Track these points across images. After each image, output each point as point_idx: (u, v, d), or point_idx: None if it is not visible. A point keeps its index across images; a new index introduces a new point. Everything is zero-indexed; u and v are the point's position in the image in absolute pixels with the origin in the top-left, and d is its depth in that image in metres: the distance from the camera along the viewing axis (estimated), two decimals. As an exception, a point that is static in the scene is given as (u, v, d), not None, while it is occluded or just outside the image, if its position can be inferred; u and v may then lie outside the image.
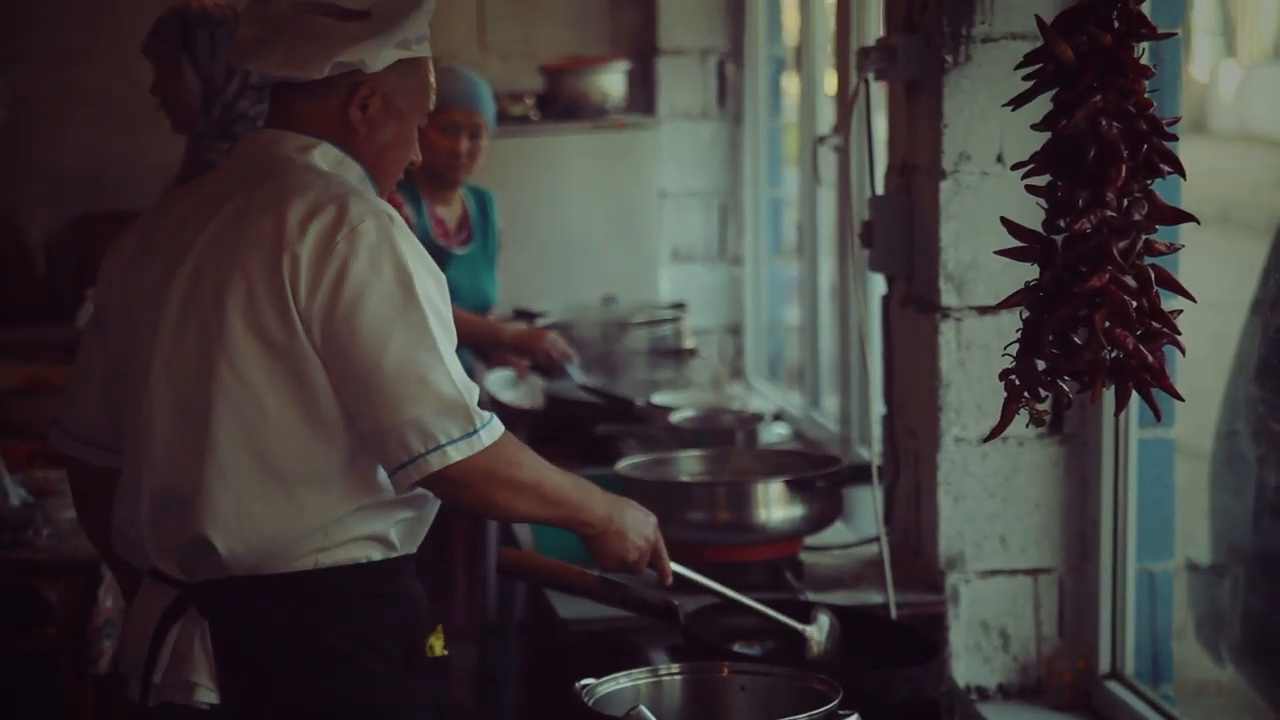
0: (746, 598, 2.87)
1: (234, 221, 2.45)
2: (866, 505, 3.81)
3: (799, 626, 2.86)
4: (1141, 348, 2.15)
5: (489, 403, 4.74)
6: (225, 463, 2.42)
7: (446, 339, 2.43)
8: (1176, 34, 3.10)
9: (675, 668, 2.65)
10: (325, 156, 2.52)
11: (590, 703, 2.49)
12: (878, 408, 3.75)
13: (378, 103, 2.52)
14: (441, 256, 4.73)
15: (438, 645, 2.59)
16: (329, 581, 2.46)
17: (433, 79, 2.60)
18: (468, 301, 4.77)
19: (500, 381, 4.77)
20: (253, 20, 2.53)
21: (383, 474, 2.46)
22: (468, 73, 4.86)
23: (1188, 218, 2.20)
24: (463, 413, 2.40)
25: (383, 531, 2.49)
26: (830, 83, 5.23)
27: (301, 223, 2.40)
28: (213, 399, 2.41)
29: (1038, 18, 2.17)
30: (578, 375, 4.75)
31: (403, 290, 2.39)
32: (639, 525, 2.65)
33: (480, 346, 4.84)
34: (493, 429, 2.44)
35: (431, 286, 2.43)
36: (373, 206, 2.44)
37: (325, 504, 2.44)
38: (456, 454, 2.39)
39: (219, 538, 2.42)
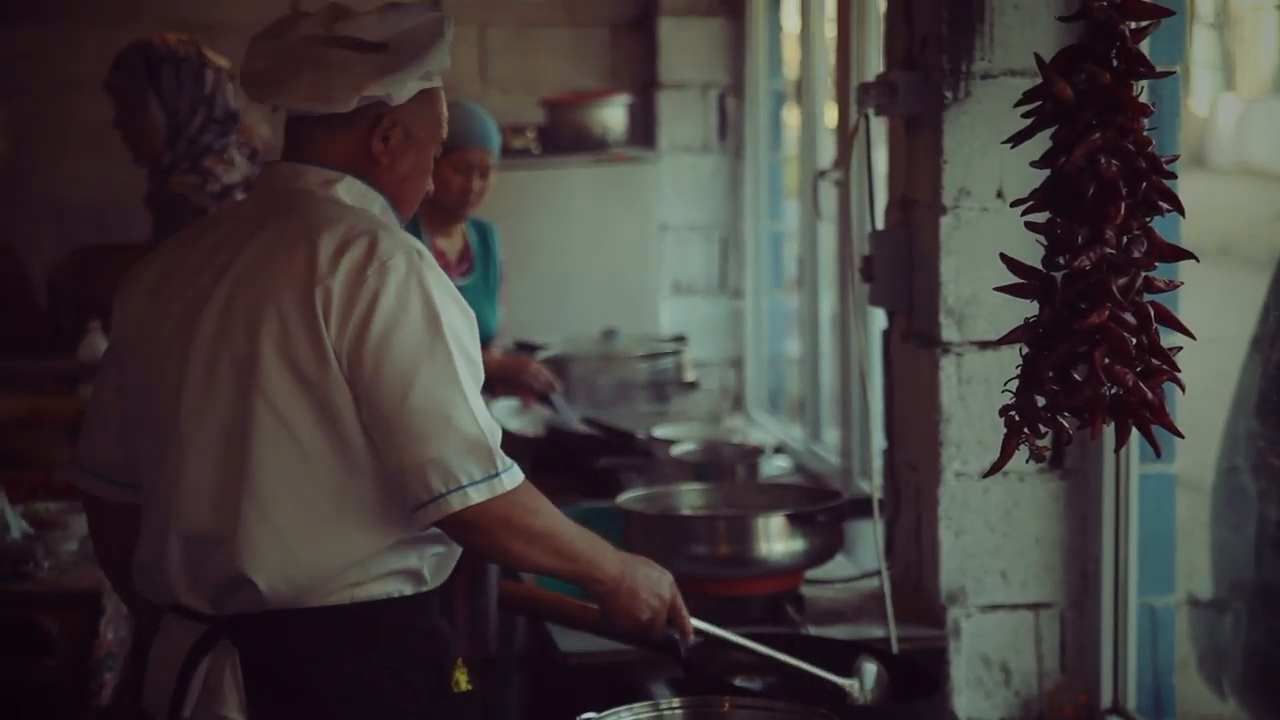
0: (783, 655, 2.85)
1: (264, 255, 2.44)
2: (867, 539, 3.81)
3: (840, 681, 2.84)
4: (1141, 385, 2.16)
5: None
6: (265, 500, 2.40)
7: (473, 378, 2.42)
8: (1175, 73, 3.11)
9: (676, 701, 2.65)
10: (349, 190, 2.52)
11: (591, 737, 2.49)
12: (878, 441, 3.75)
13: (399, 134, 2.53)
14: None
15: (462, 680, 2.59)
16: (362, 615, 2.45)
17: (444, 108, 2.61)
18: None
19: (506, 410, 4.78)
20: (264, 53, 2.52)
21: None
22: (481, 111, 4.88)
23: (1187, 255, 2.21)
24: (485, 454, 2.39)
25: (416, 566, 2.48)
26: (831, 116, 5.25)
27: (333, 256, 2.40)
28: (250, 435, 2.40)
29: (1037, 56, 2.18)
30: (562, 405, 4.75)
31: (430, 327, 2.39)
32: (652, 584, 2.62)
33: None
34: (514, 474, 2.43)
35: (460, 324, 2.43)
36: (402, 241, 2.44)
37: (363, 539, 2.43)
38: (477, 495, 2.38)
39: (260, 576, 2.40)
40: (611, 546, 2.59)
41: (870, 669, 2.87)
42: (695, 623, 2.73)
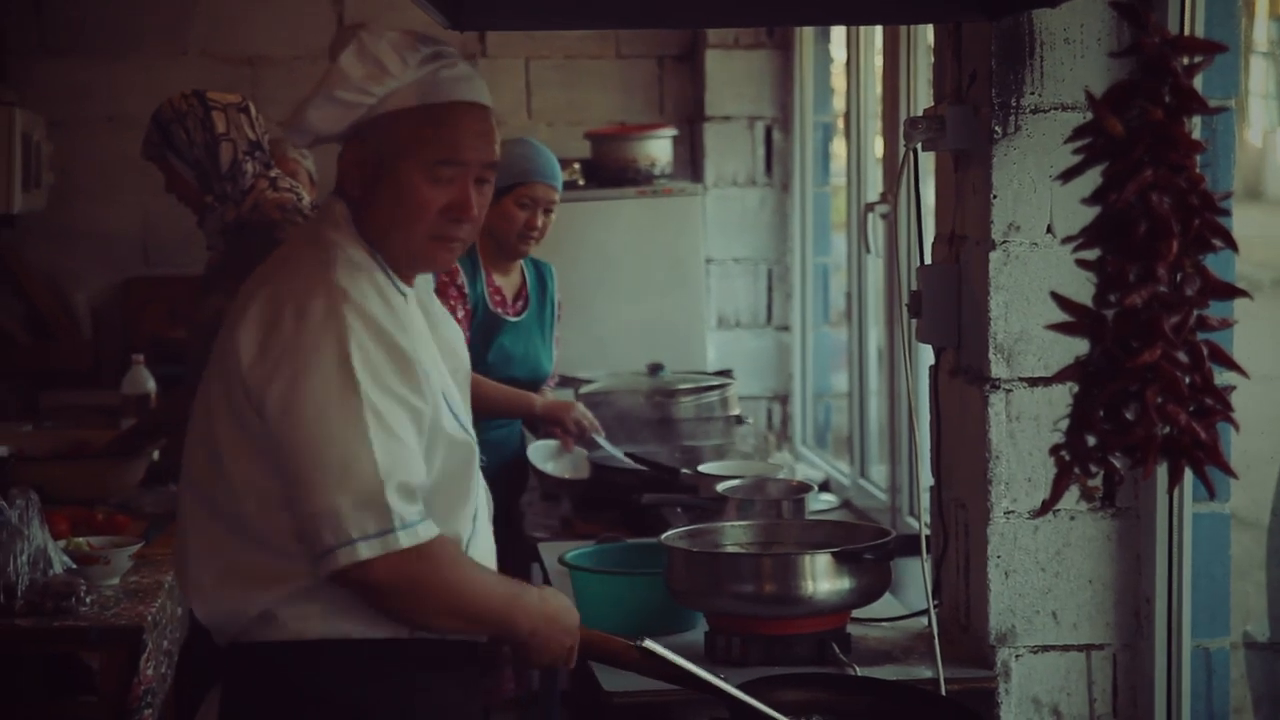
0: (738, 692, 2.80)
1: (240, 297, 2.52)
2: (915, 577, 3.77)
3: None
4: (1194, 424, 2.12)
5: (530, 473, 4.72)
6: (198, 528, 2.46)
7: (382, 427, 2.36)
8: (1229, 108, 3.07)
9: (719, 744, 2.62)
10: (342, 218, 2.54)
11: (633, 780, 2.46)
12: (926, 478, 3.71)
13: (364, 164, 2.54)
14: (495, 323, 4.73)
15: None
16: (306, 655, 2.43)
17: (452, 124, 2.54)
18: (520, 369, 4.76)
19: (541, 452, 4.75)
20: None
21: None
22: (545, 147, 4.88)
23: (1240, 293, 2.17)
24: (380, 508, 2.33)
25: (347, 609, 2.43)
26: (879, 148, 5.22)
27: (265, 300, 2.43)
28: (190, 464, 2.48)
29: (1087, 91, 2.15)
30: (607, 446, 4.73)
31: (340, 372, 2.36)
32: (562, 625, 2.60)
33: (513, 417, 4.82)
34: (414, 531, 2.36)
35: (384, 367, 2.39)
36: (327, 283, 2.41)
37: (292, 571, 2.42)
38: (368, 551, 2.33)
39: (197, 604, 2.47)
40: (525, 594, 2.55)
41: None
42: (652, 646, 2.74)
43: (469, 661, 2.53)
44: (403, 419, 2.38)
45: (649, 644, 2.80)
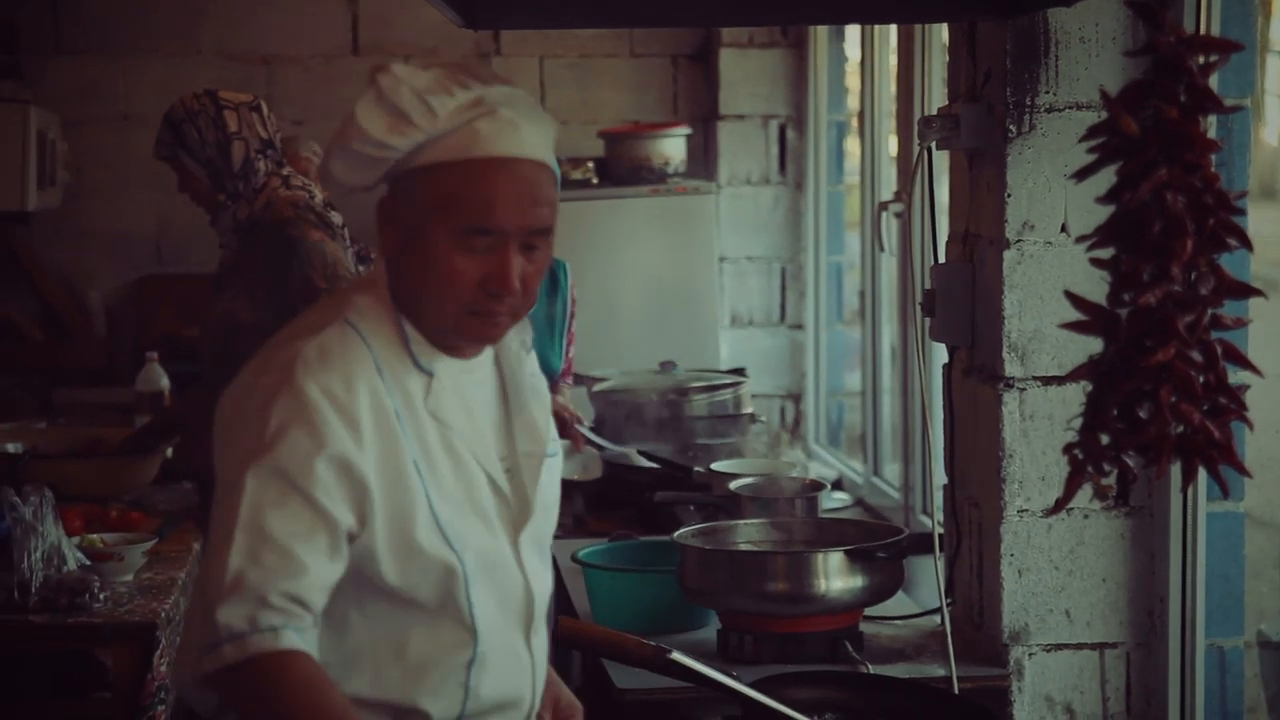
0: (753, 692, 2.79)
1: None
2: (928, 576, 3.76)
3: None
4: (1208, 424, 2.12)
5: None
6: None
7: (259, 529, 2.11)
8: (1245, 107, 3.06)
9: (733, 742, 2.62)
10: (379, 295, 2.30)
11: (646, 778, 2.46)
12: (940, 477, 3.71)
13: (393, 222, 2.27)
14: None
15: None
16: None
17: (476, 182, 2.21)
18: None
19: None
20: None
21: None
22: None
23: (1255, 292, 2.17)
24: (208, 618, 2.09)
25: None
26: (893, 146, 5.22)
27: (255, 361, 2.27)
28: None
29: (1102, 90, 2.15)
30: (592, 437, 4.72)
31: (256, 450, 2.14)
32: None
33: None
34: (244, 645, 2.08)
35: (304, 457, 2.13)
36: (291, 373, 2.17)
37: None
38: (210, 664, 2.09)
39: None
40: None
41: None
42: (679, 658, 2.69)
43: None
44: (300, 525, 2.13)
45: (676, 655, 2.78)
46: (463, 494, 2.26)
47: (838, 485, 5.43)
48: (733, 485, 4.21)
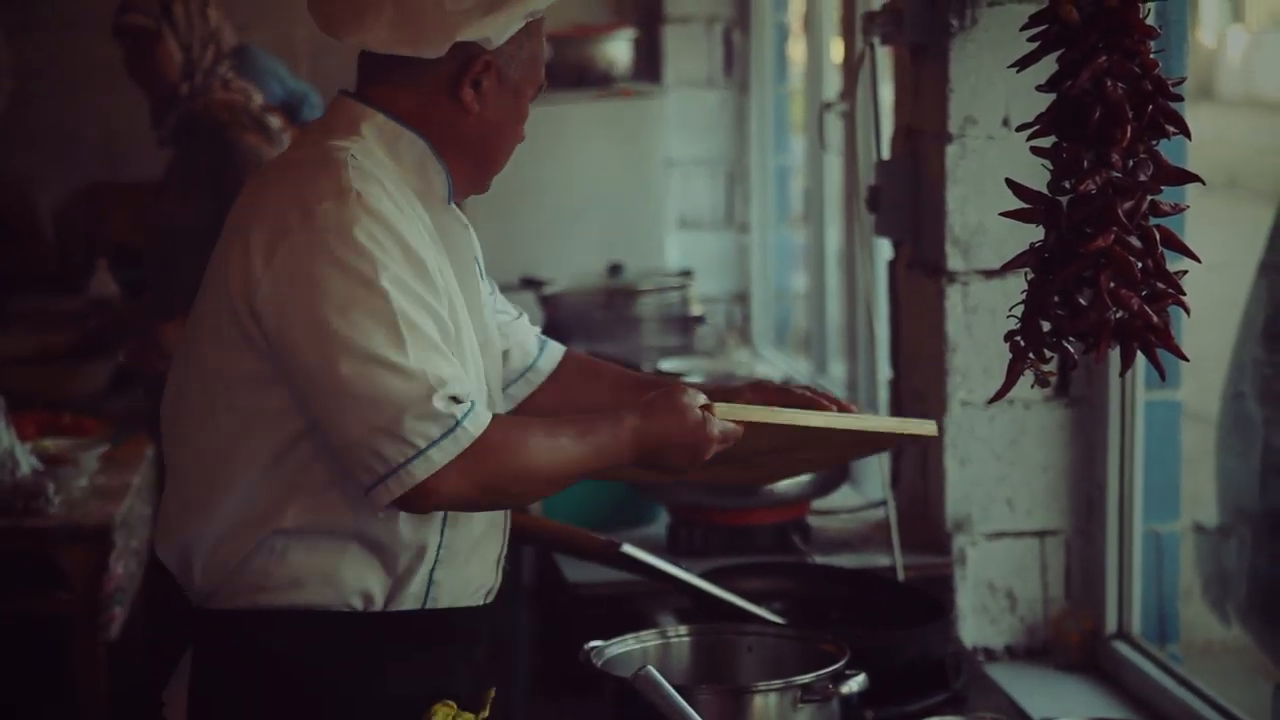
0: (712, 587, 2.85)
1: (242, 198, 2.27)
2: (873, 469, 3.83)
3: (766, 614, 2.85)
4: (1146, 308, 2.16)
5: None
6: (173, 472, 2.28)
7: (414, 330, 2.11)
8: (1182, -5, 3.10)
9: (683, 629, 2.67)
10: (410, 148, 2.27)
11: (599, 664, 2.51)
12: (885, 372, 3.76)
13: (492, 78, 2.26)
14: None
15: (444, 714, 2.30)
16: (277, 623, 2.22)
17: (544, 46, 2.33)
18: None
19: None
20: None
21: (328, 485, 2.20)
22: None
23: (1193, 178, 2.21)
24: (434, 412, 2.09)
25: (332, 571, 2.21)
26: (836, 50, 5.23)
27: (273, 201, 2.18)
28: (177, 415, 2.26)
29: (1043, -22, 2.18)
30: None
31: (359, 280, 2.11)
32: (677, 436, 2.25)
33: None
34: (477, 416, 2.13)
35: (404, 272, 2.13)
36: (340, 185, 2.14)
37: (252, 503, 2.19)
38: (441, 456, 2.10)
39: (164, 556, 2.28)
40: (620, 421, 2.24)
41: None
42: (630, 550, 2.72)
43: (449, 637, 2.33)
44: (433, 315, 2.15)
45: (627, 549, 2.83)
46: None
47: (784, 385, 5.47)
48: (681, 384, 4.25)
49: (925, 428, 2.47)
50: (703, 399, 2.28)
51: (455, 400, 2.12)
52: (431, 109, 2.26)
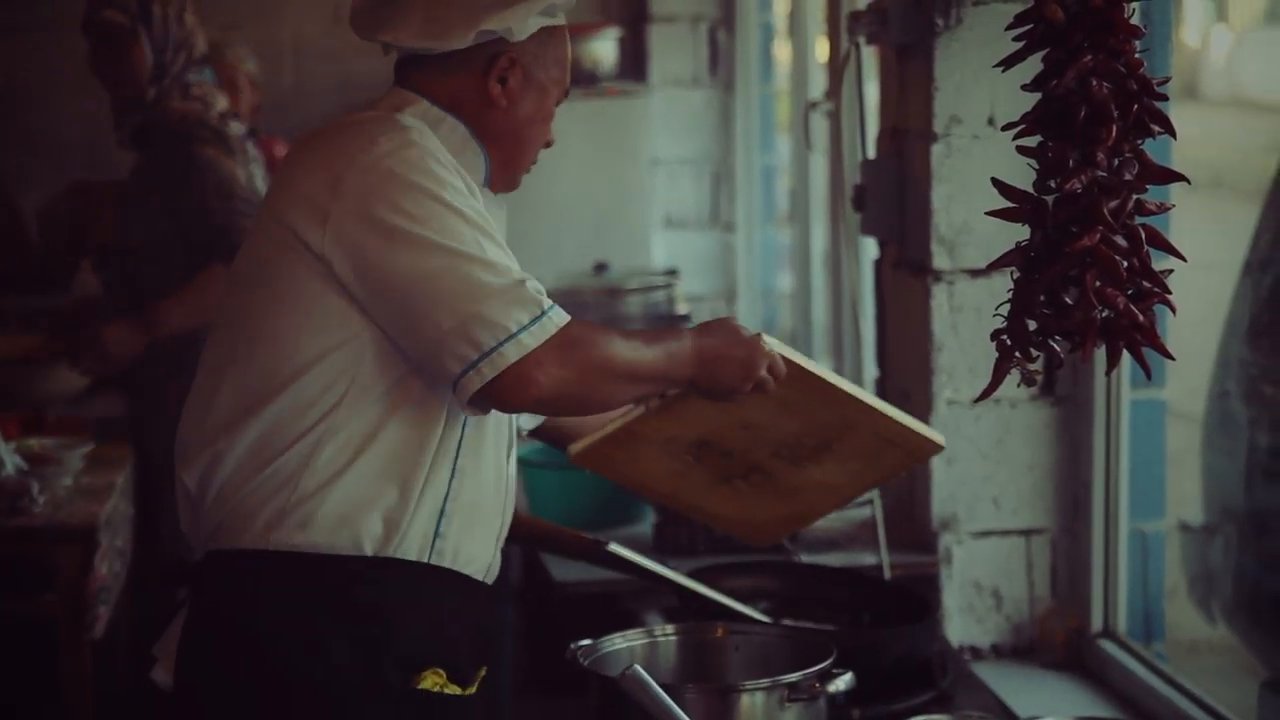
0: (702, 587, 2.84)
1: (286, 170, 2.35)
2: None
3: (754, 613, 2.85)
4: (1132, 307, 2.16)
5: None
6: (197, 385, 2.34)
7: (489, 236, 2.24)
8: (1166, -6, 3.10)
9: (670, 628, 2.67)
10: (452, 132, 2.36)
11: (586, 663, 2.51)
12: (871, 371, 3.76)
13: (518, 75, 2.37)
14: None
15: (434, 681, 2.34)
16: (279, 568, 2.26)
17: (569, 49, 2.45)
18: None
19: None
20: None
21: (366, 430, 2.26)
22: None
23: (1178, 177, 2.21)
24: (525, 297, 2.19)
25: (353, 517, 2.26)
26: (822, 49, 5.24)
27: (325, 151, 2.27)
28: (224, 368, 2.33)
29: (1028, -22, 2.18)
30: None
31: (435, 189, 2.22)
32: (731, 353, 2.37)
33: None
34: (560, 310, 2.24)
35: (465, 202, 2.25)
36: (399, 129, 2.27)
37: (280, 426, 2.25)
38: (532, 340, 2.18)
39: (186, 474, 2.31)
40: (680, 335, 2.39)
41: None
42: (617, 550, 2.75)
43: (452, 599, 2.37)
44: (497, 236, 2.28)
45: (614, 547, 2.83)
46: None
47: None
48: (667, 383, 4.25)
49: (936, 438, 2.59)
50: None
51: (537, 292, 2.23)
52: (465, 99, 2.37)
